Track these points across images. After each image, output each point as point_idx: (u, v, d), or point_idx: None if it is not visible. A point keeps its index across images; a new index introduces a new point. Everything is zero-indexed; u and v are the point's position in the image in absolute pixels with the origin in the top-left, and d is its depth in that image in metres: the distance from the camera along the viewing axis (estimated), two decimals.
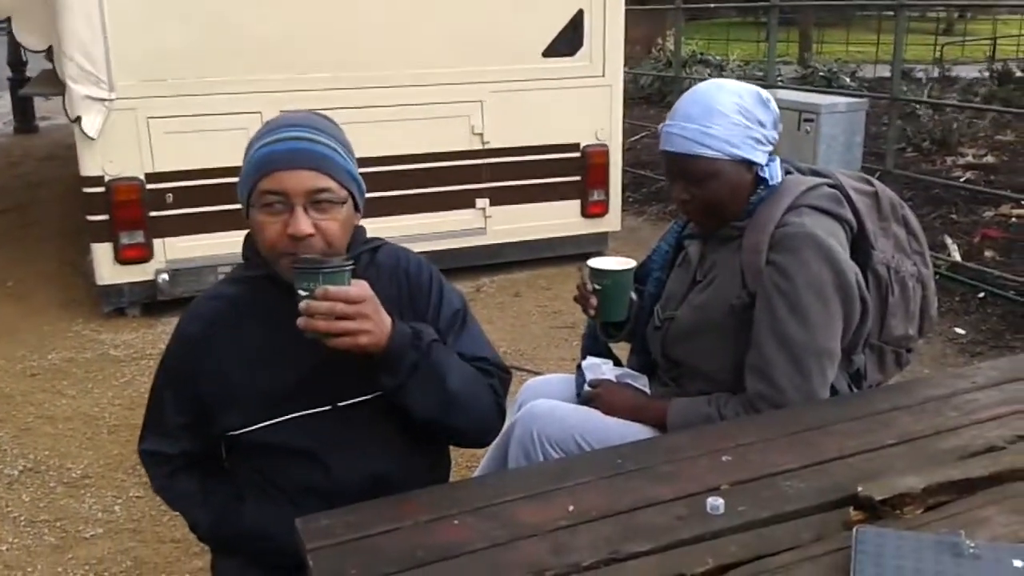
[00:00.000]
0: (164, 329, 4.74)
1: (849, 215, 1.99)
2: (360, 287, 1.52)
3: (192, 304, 1.75)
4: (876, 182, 2.14)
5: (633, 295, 2.11)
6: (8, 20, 4.36)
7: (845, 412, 1.77)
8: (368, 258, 1.73)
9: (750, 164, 1.94)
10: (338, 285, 1.50)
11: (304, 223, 1.54)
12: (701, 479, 1.53)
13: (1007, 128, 9.68)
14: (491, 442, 1.92)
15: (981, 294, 5.00)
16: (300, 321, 1.48)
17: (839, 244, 1.92)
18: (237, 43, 4.76)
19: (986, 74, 13.07)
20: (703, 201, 1.95)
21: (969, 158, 8.20)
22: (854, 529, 1.35)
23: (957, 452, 1.59)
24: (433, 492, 1.57)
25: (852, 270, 1.92)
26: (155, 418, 1.76)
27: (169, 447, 1.74)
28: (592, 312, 2.08)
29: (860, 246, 2.00)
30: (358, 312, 1.49)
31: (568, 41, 5.43)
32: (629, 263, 2.06)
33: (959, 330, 4.66)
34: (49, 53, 4.50)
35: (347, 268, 1.52)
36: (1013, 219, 6.25)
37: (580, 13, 5.41)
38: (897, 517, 1.41)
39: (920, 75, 12.88)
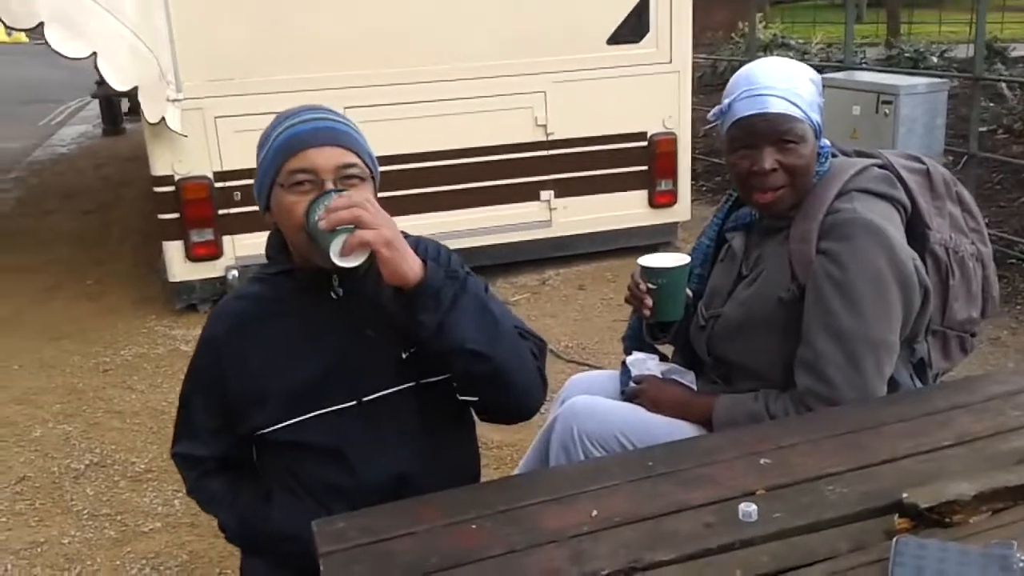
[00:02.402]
0: None
1: (903, 196, 1.87)
2: None
3: (216, 306, 1.76)
4: (926, 159, 2.01)
5: (689, 292, 2.00)
6: (40, 26, 4.25)
7: (900, 411, 1.66)
8: None
9: (816, 136, 1.86)
10: None
11: None
12: (736, 483, 1.44)
13: None
14: (535, 412, 1.79)
15: None
16: (322, 223, 1.45)
17: (895, 229, 1.81)
18: (301, 41, 4.79)
19: None
20: (791, 169, 1.83)
21: None
22: (894, 539, 1.25)
23: (1017, 455, 1.48)
24: (453, 495, 1.52)
25: (910, 256, 1.80)
26: (185, 422, 1.76)
27: (200, 450, 1.74)
28: (648, 312, 1.95)
29: (916, 228, 1.89)
30: (376, 211, 1.45)
31: (633, 28, 5.31)
32: (683, 259, 1.94)
33: None
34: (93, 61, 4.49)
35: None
36: None
37: None
38: (946, 525, 1.31)
39: (1016, 54, 12.28)
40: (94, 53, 4.28)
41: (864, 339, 1.76)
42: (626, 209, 5.52)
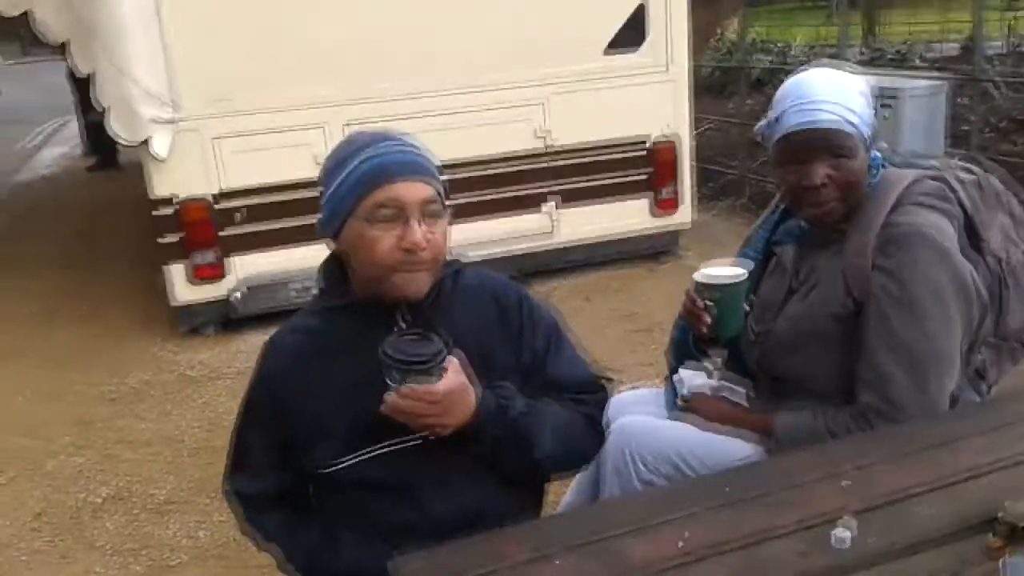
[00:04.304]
0: (240, 347, 4.75)
1: (956, 207, 1.85)
2: (447, 382, 1.50)
3: (271, 339, 1.70)
4: (976, 168, 1.99)
5: (746, 306, 1.95)
6: (65, 45, 4.42)
7: (971, 425, 1.64)
8: (452, 282, 1.66)
9: (868, 148, 1.83)
10: (425, 381, 1.49)
11: (421, 234, 1.51)
12: (821, 506, 1.41)
13: None
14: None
15: None
16: (384, 408, 1.50)
17: (951, 242, 1.79)
18: (298, 57, 4.73)
19: None
20: (843, 183, 1.80)
21: None
22: (1001, 562, 1.22)
23: None
24: (531, 528, 1.49)
25: (968, 269, 1.78)
26: (240, 457, 1.71)
27: (256, 485, 1.69)
28: (705, 329, 1.90)
29: (969, 239, 1.86)
30: (441, 410, 1.50)
31: (630, 36, 5.30)
32: (742, 272, 1.88)
33: None
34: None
35: (434, 364, 1.50)
36: None
37: (641, 7, 5.27)
38: None
39: (990, 52, 12.37)
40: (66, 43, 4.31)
41: (928, 356, 1.74)
42: (628, 217, 5.50)
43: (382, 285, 1.54)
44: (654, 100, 5.41)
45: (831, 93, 1.80)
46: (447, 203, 1.64)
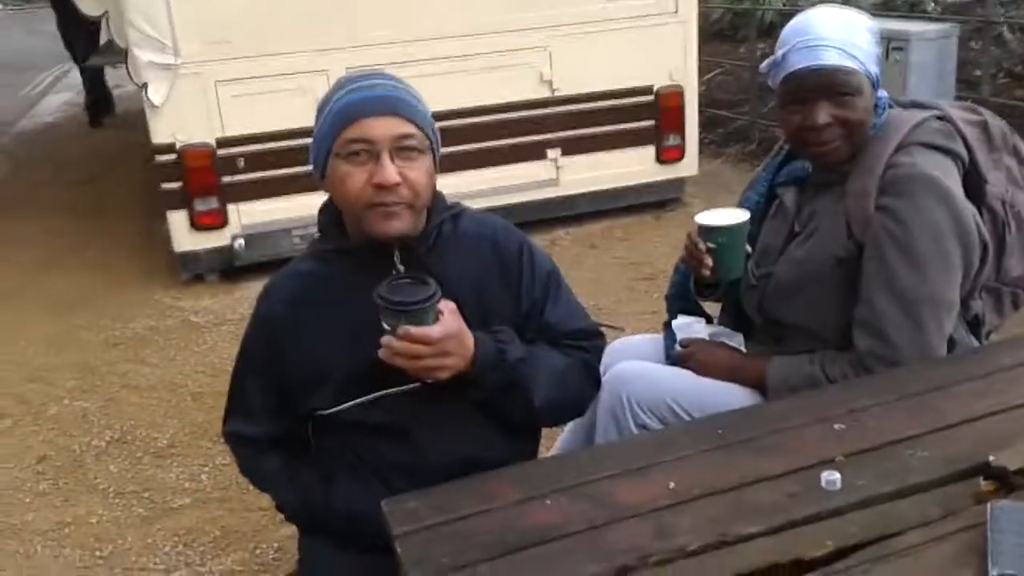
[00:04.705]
0: (242, 294, 4.75)
1: (961, 149, 1.83)
2: (444, 324, 1.48)
3: (268, 284, 1.69)
4: (983, 110, 1.96)
5: (748, 248, 1.93)
6: None
7: (967, 370, 1.63)
8: (451, 227, 1.65)
9: (874, 88, 1.80)
10: (421, 324, 1.47)
11: (391, 171, 1.49)
12: (813, 450, 1.41)
13: None
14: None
15: None
16: (381, 353, 1.48)
17: (954, 184, 1.76)
18: (300, 1, 4.67)
19: None
20: (847, 123, 1.78)
21: None
22: (988, 505, 1.22)
23: None
24: (522, 470, 1.50)
25: (970, 212, 1.76)
26: (238, 402, 1.72)
27: (254, 428, 1.70)
28: (708, 272, 1.90)
29: (973, 181, 1.84)
30: (438, 351, 1.48)
31: None
32: (743, 215, 1.88)
33: None
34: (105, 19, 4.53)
35: (429, 305, 1.47)
36: None
37: None
38: None
39: None
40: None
41: (926, 298, 1.73)
42: (633, 166, 5.42)
43: (361, 225, 1.53)
44: (661, 45, 5.30)
45: (835, 32, 1.77)
46: (442, 148, 1.62)
